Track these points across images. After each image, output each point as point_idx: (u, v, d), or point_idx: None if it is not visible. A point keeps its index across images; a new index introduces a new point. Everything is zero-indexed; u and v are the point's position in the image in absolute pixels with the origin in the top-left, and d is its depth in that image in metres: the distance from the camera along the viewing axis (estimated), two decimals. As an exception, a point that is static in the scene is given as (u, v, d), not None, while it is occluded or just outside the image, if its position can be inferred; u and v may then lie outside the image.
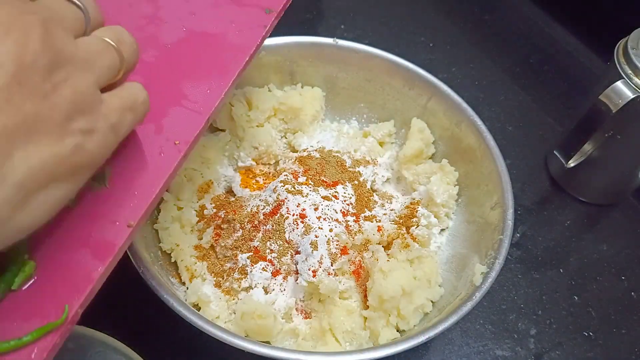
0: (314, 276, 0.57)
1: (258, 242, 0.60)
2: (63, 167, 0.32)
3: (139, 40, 0.53)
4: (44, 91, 0.30)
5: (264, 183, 0.68)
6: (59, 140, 0.31)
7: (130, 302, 0.61)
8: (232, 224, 0.62)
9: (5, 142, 0.29)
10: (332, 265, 0.59)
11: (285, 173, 0.66)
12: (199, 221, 0.63)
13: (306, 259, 0.58)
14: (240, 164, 0.70)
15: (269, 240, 0.60)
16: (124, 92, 0.38)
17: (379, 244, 0.62)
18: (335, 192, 0.64)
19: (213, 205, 0.64)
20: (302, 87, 0.74)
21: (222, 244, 0.61)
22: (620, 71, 0.64)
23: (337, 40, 0.73)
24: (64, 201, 0.34)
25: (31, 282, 0.37)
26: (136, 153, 0.45)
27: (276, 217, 0.61)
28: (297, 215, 0.61)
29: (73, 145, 0.32)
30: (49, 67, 0.31)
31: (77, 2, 0.36)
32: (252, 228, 0.61)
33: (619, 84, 0.63)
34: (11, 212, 0.30)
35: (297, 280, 0.59)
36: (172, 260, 0.61)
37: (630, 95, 0.62)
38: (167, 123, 0.47)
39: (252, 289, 0.59)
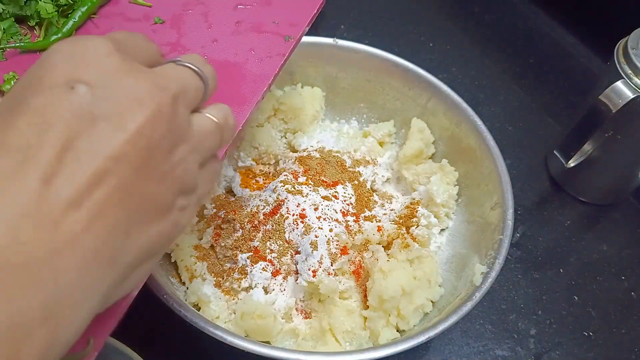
0: (314, 276, 0.57)
1: (258, 242, 0.60)
2: (163, 243, 0.32)
3: None
4: (163, 172, 0.30)
5: (264, 183, 0.68)
6: (163, 219, 0.31)
7: (130, 302, 0.61)
8: (232, 224, 0.62)
9: (126, 222, 0.28)
10: (332, 265, 0.59)
11: (285, 173, 0.66)
12: (199, 221, 0.63)
13: (306, 259, 0.58)
14: (240, 164, 0.70)
15: (269, 240, 0.60)
16: (211, 166, 0.37)
17: (379, 244, 0.62)
18: (335, 192, 0.64)
19: (213, 205, 0.64)
20: (302, 87, 0.74)
21: (222, 244, 0.61)
22: (620, 71, 0.64)
23: (337, 40, 0.73)
24: (150, 272, 0.34)
25: None
26: None
27: (276, 217, 0.61)
28: (297, 215, 0.61)
29: (173, 222, 0.32)
30: (171, 147, 0.30)
31: (202, 74, 0.34)
32: (252, 228, 0.61)
33: (619, 84, 0.63)
34: (113, 291, 0.30)
35: (297, 280, 0.59)
36: (172, 260, 0.61)
37: (630, 95, 0.62)
38: None
39: (252, 289, 0.59)
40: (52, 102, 0.27)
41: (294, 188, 0.63)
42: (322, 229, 0.60)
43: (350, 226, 0.62)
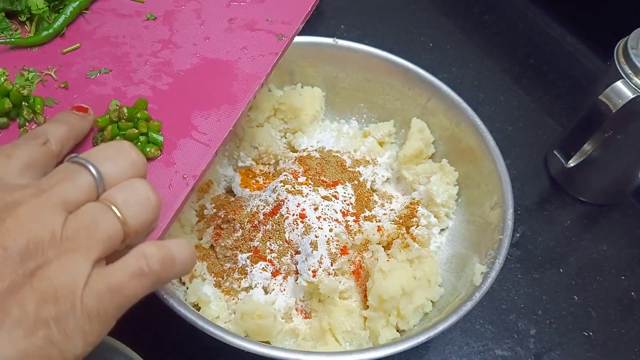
0: (314, 276, 0.57)
1: (258, 242, 0.60)
2: None
3: (153, 66, 0.54)
4: (12, 283, 0.28)
5: (264, 183, 0.68)
6: (28, 335, 0.28)
7: (130, 302, 0.61)
8: (232, 224, 0.62)
9: None
10: (332, 265, 0.59)
11: (285, 173, 0.66)
12: (198, 221, 0.63)
13: (306, 259, 0.58)
14: (240, 163, 0.70)
15: (269, 240, 0.60)
16: (120, 267, 0.32)
17: (379, 244, 0.62)
18: (335, 192, 0.64)
19: (213, 205, 0.64)
20: (302, 87, 0.74)
21: (222, 244, 0.61)
22: (620, 71, 0.64)
23: (337, 40, 0.73)
24: None
25: None
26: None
27: (276, 217, 0.61)
28: (297, 215, 0.61)
29: (44, 338, 0.28)
30: (22, 256, 0.28)
31: (92, 171, 0.33)
32: (252, 228, 0.61)
33: (619, 83, 0.63)
34: None
35: (297, 280, 0.59)
36: (172, 260, 0.61)
37: (630, 95, 0.62)
38: (177, 156, 0.48)
39: (252, 289, 0.59)
40: None
41: (294, 188, 0.63)
42: (322, 229, 0.60)
43: (350, 226, 0.62)
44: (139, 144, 0.47)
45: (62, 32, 0.55)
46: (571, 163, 0.72)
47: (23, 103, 0.49)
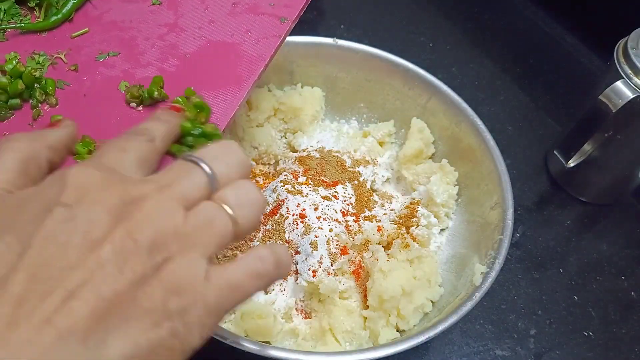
0: (313, 276, 0.57)
1: (258, 242, 0.60)
2: (159, 354, 0.29)
3: (160, 49, 0.54)
4: (142, 274, 0.28)
5: (264, 183, 0.68)
6: (154, 325, 0.28)
7: None
8: (232, 224, 0.62)
9: (97, 327, 0.27)
10: (332, 265, 0.59)
11: (285, 173, 0.66)
12: (199, 221, 0.63)
13: (306, 259, 0.58)
14: (240, 164, 0.69)
15: (269, 240, 0.60)
16: (241, 266, 0.33)
17: (379, 244, 0.62)
18: (335, 192, 0.64)
19: (213, 205, 0.64)
20: (302, 87, 0.74)
21: (222, 244, 0.61)
22: (620, 71, 0.64)
23: (337, 40, 0.73)
24: None
25: None
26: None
27: (276, 217, 0.61)
28: (297, 215, 0.61)
29: (170, 330, 0.29)
30: (150, 249, 0.29)
31: (206, 169, 0.33)
32: (252, 228, 0.61)
33: (619, 83, 0.63)
34: None
35: (297, 280, 0.59)
36: (172, 260, 0.61)
37: (630, 95, 0.62)
38: None
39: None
40: (33, 222, 0.29)
41: (294, 188, 0.63)
42: (322, 229, 0.60)
43: (350, 226, 0.62)
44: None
45: (71, 17, 0.57)
46: (571, 163, 0.72)
47: (35, 85, 0.50)
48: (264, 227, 0.61)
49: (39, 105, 0.50)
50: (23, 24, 0.55)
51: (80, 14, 0.58)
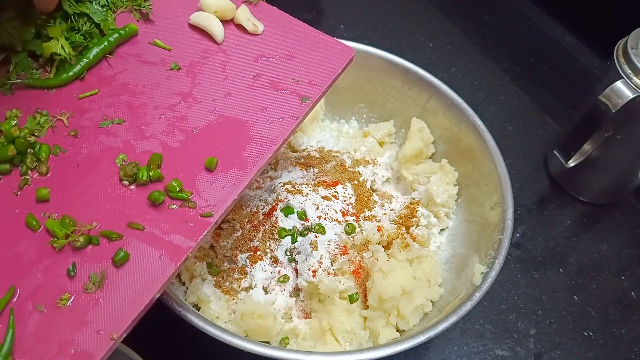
0: (313, 276, 0.57)
1: (258, 242, 0.60)
2: None
3: (168, 120, 0.51)
4: None
5: (264, 183, 0.68)
6: None
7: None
8: (232, 224, 0.62)
9: None
10: (332, 265, 0.59)
11: (284, 172, 0.66)
12: (198, 221, 0.63)
13: (306, 259, 0.58)
14: (240, 164, 0.69)
15: (269, 240, 0.60)
16: None
17: (378, 243, 0.62)
18: (335, 192, 0.64)
19: (213, 205, 0.64)
20: (302, 87, 0.74)
21: (222, 244, 0.61)
22: (620, 71, 0.64)
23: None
24: None
25: None
26: (136, 257, 0.45)
27: (274, 217, 0.61)
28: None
29: None
30: None
31: None
32: (252, 228, 0.61)
33: (619, 83, 0.63)
34: None
35: (297, 280, 0.59)
36: (172, 260, 0.61)
37: (629, 95, 0.62)
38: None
39: (252, 289, 0.59)
40: None
41: (294, 188, 0.63)
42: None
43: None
44: None
45: (82, 76, 0.54)
46: (571, 163, 0.72)
47: (29, 150, 0.48)
48: (264, 226, 0.61)
49: (29, 172, 0.47)
50: (32, 79, 0.52)
51: (93, 71, 0.54)
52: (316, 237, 0.59)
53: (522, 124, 0.86)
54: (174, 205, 0.46)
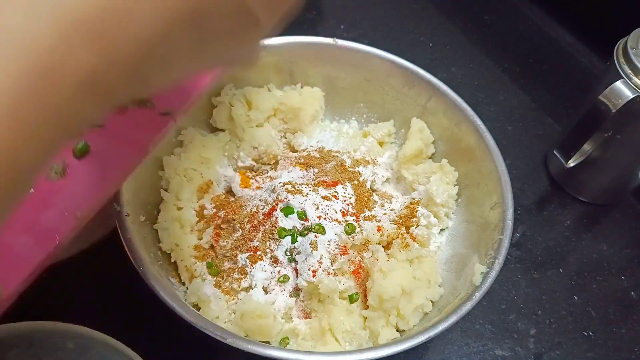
0: (313, 276, 0.57)
1: (258, 242, 0.60)
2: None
3: None
4: None
5: (264, 183, 0.68)
6: None
7: (130, 302, 0.61)
8: (231, 224, 0.62)
9: None
10: (332, 265, 0.59)
11: (285, 173, 0.66)
12: (198, 221, 0.63)
13: (306, 259, 0.58)
14: (240, 163, 0.70)
15: (269, 240, 0.61)
16: None
17: (378, 244, 0.62)
18: (335, 192, 0.64)
19: (213, 205, 0.64)
20: (301, 87, 0.74)
21: (222, 244, 0.61)
22: (620, 71, 0.64)
23: (337, 40, 0.73)
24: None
25: None
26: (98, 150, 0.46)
27: (275, 217, 0.61)
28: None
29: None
30: None
31: None
32: (252, 228, 0.61)
33: (619, 83, 0.63)
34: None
35: (297, 280, 0.59)
36: (172, 260, 0.61)
37: (629, 95, 0.62)
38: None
39: (252, 289, 0.59)
40: None
41: (294, 188, 0.63)
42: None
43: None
44: None
45: None
46: (571, 163, 0.72)
47: None
48: (264, 227, 0.61)
49: None
50: None
51: None
52: (316, 237, 0.59)
53: (522, 124, 0.86)
54: (133, 105, 0.47)
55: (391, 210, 0.67)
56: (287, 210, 0.60)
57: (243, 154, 0.69)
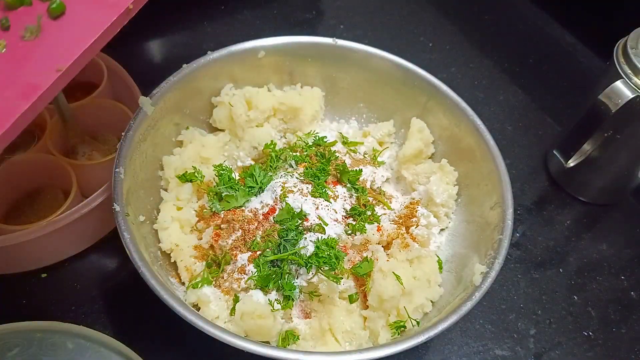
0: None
1: (258, 242, 0.60)
2: None
3: None
4: None
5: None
6: None
7: (130, 302, 0.61)
8: (231, 224, 0.62)
9: None
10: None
11: (284, 173, 0.66)
12: (198, 221, 0.63)
13: (306, 259, 0.58)
14: (240, 163, 0.70)
15: (268, 240, 0.60)
16: None
17: (378, 243, 0.62)
18: (335, 192, 0.64)
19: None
20: (301, 87, 0.74)
21: (222, 244, 0.61)
22: (620, 71, 0.64)
23: (337, 40, 0.73)
24: None
25: None
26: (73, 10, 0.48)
27: (274, 216, 0.61)
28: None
29: None
30: None
31: None
32: (252, 228, 0.61)
33: (619, 83, 0.63)
34: None
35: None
36: (172, 260, 0.61)
37: (629, 95, 0.62)
38: None
39: (252, 289, 0.59)
40: None
41: (294, 188, 0.63)
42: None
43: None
44: None
45: None
46: (571, 163, 0.72)
47: None
48: (263, 226, 0.61)
49: None
50: None
51: None
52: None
53: (522, 123, 0.86)
54: None
55: (391, 210, 0.67)
56: (287, 211, 0.60)
57: (243, 154, 0.69)
